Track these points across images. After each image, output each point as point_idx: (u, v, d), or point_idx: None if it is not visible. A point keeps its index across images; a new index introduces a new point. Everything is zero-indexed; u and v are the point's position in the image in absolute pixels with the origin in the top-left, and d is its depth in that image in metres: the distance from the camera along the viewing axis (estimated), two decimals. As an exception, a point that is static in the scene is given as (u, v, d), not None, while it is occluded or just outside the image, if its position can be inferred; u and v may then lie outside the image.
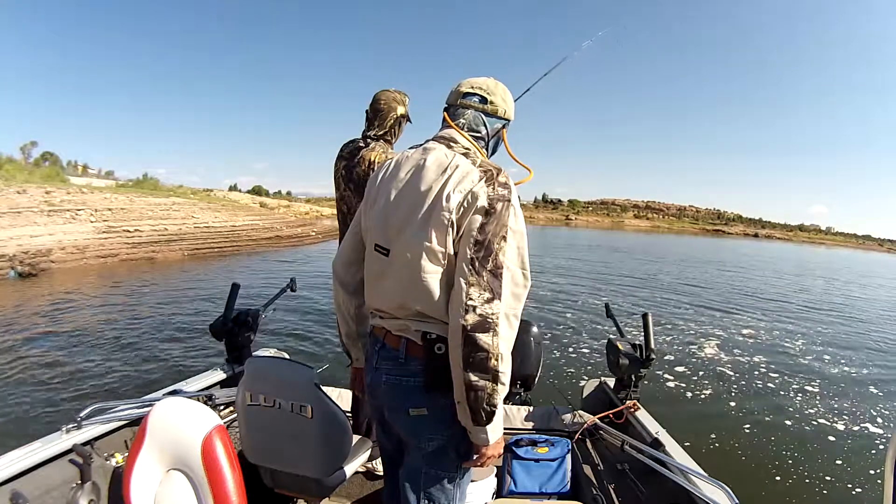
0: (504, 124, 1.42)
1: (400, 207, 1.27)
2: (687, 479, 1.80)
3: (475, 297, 1.14)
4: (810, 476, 4.27)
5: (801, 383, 6.80)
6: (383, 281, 1.31)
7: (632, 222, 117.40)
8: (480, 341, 1.13)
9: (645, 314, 2.58)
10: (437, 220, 1.19)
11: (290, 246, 21.68)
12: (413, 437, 1.32)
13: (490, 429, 1.21)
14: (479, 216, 1.17)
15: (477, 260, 1.15)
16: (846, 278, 26.87)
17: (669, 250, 36.77)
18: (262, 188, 74.63)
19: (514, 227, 1.19)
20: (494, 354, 1.14)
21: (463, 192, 1.19)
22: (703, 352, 7.98)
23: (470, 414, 1.19)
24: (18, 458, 1.57)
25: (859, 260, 55.21)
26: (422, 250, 1.20)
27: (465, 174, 1.21)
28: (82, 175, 35.47)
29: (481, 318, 1.13)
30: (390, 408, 1.34)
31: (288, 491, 2.00)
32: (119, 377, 5.56)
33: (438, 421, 1.27)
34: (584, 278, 16.39)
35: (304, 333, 7.59)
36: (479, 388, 1.15)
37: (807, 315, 12.67)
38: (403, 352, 1.28)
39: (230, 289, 2.64)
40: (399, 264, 1.25)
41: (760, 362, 7.65)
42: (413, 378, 1.27)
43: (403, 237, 1.24)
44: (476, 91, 1.38)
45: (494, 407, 1.18)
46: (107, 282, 11.69)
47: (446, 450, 1.30)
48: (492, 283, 1.15)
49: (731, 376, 6.82)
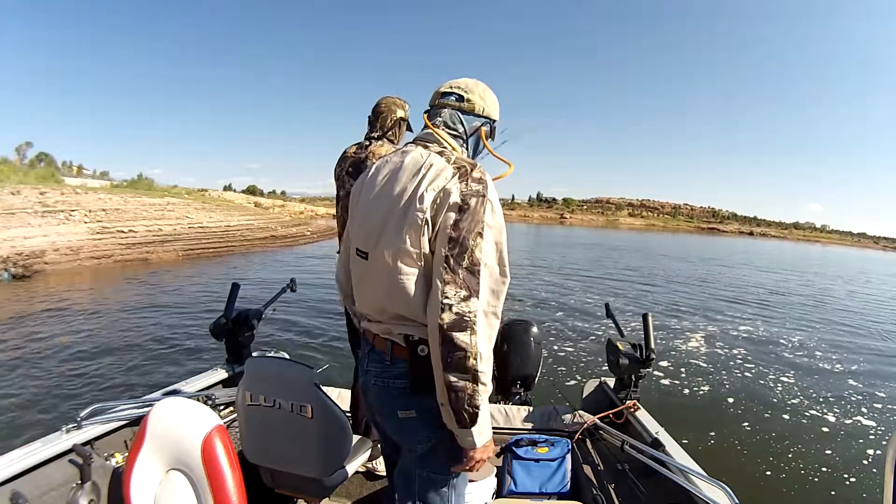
0: (484, 122, 1.41)
1: (377, 210, 1.26)
2: (687, 479, 1.80)
3: (451, 296, 1.12)
4: (810, 475, 4.29)
5: (799, 381, 6.84)
6: (365, 285, 1.32)
7: (626, 221, 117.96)
8: (458, 340, 1.11)
9: (645, 314, 2.58)
10: (411, 221, 1.18)
11: (285, 246, 21.65)
12: (404, 440, 1.32)
13: (476, 431, 1.18)
14: (452, 213, 1.16)
15: (452, 257, 1.13)
16: (840, 276, 27.00)
17: (665, 249, 36.84)
18: (256, 188, 74.70)
19: (491, 223, 1.17)
20: (473, 353, 1.11)
21: (436, 190, 1.18)
22: (701, 351, 8.01)
23: (453, 415, 1.16)
24: (18, 458, 1.57)
25: (854, 258, 55.51)
26: (398, 252, 1.19)
27: (439, 172, 1.20)
28: (77, 176, 35.35)
29: (458, 316, 1.11)
30: (379, 411, 1.35)
31: (288, 491, 1.99)
32: (119, 377, 5.53)
33: (427, 423, 1.25)
34: (583, 278, 16.42)
35: (303, 333, 7.57)
36: (458, 389, 1.13)
37: (805, 314, 12.73)
38: (389, 354, 1.27)
39: (230, 289, 2.63)
40: (378, 268, 1.24)
41: (760, 361, 7.67)
42: (399, 381, 1.26)
43: (381, 240, 1.23)
44: (454, 90, 1.39)
45: (477, 408, 1.15)
46: (102, 283, 11.62)
47: (437, 452, 1.28)
48: (468, 281, 1.13)
49: (730, 375, 6.85)
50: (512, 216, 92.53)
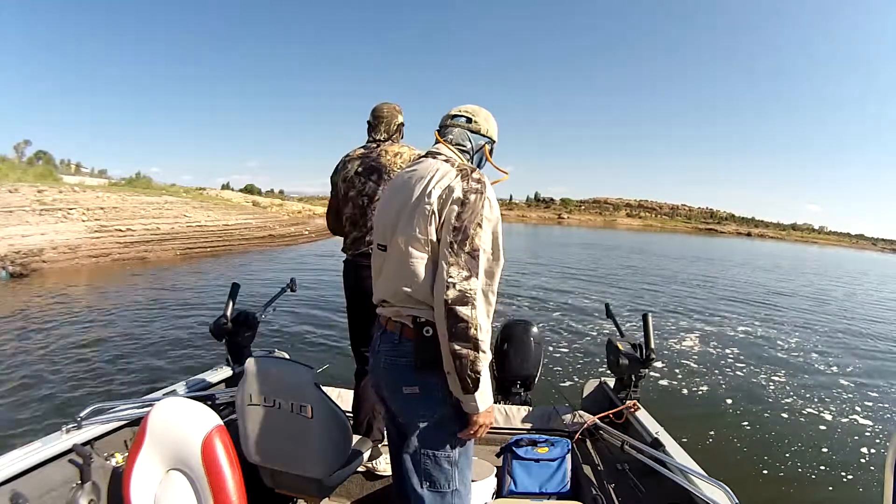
0: (487, 142, 1.66)
1: (393, 209, 1.47)
2: (687, 479, 1.81)
3: (455, 275, 1.30)
4: (809, 474, 4.31)
5: (798, 381, 6.86)
6: (382, 273, 1.50)
7: (624, 221, 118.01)
8: (461, 313, 1.28)
9: (645, 314, 2.59)
10: (421, 212, 1.38)
11: (283, 245, 21.64)
12: (408, 416, 1.46)
13: (478, 396, 1.35)
14: (455, 206, 1.36)
15: (455, 243, 1.33)
16: (839, 276, 27.08)
17: (663, 249, 36.88)
18: (254, 187, 74.24)
19: (489, 216, 1.38)
20: (474, 324, 1.29)
21: (442, 187, 1.38)
22: (701, 351, 8.02)
23: (458, 382, 1.33)
24: (18, 458, 1.57)
25: (851, 259, 55.67)
26: (410, 239, 1.38)
27: (445, 173, 1.41)
28: (75, 174, 35.22)
29: (461, 293, 1.29)
30: (387, 386, 1.50)
31: (288, 491, 1.99)
32: (119, 377, 5.52)
33: (429, 399, 1.42)
34: (583, 278, 16.44)
35: (304, 333, 7.57)
36: (462, 356, 1.29)
37: (802, 314, 12.76)
38: (398, 335, 1.44)
39: (230, 289, 2.63)
40: (393, 255, 1.43)
41: (759, 361, 7.70)
42: (405, 358, 1.43)
43: (396, 230, 1.43)
44: (463, 113, 1.64)
45: (478, 374, 1.32)
46: (100, 282, 11.60)
47: (440, 429, 1.43)
48: (469, 264, 1.32)
49: (729, 375, 6.87)
50: (510, 216, 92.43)
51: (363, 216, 2.38)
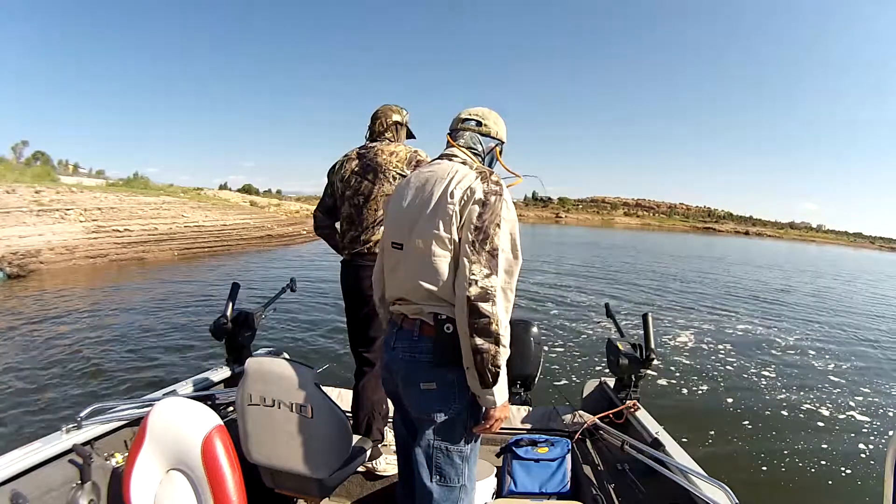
0: (497, 143, 1.69)
1: (412, 208, 1.50)
2: (687, 479, 1.80)
3: (476, 273, 1.34)
4: (809, 473, 4.32)
5: (797, 380, 6.87)
6: (398, 271, 1.53)
7: (622, 220, 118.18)
8: (483, 309, 1.32)
9: (645, 314, 2.58)
10: (443, 212, 1.42)
11: (281, 245, 21.62)
12: (423, 412, 1.48)
13: (497, 390, 1.40)
14: (476, 207, 1.40)
15: (477, 242, 1.37)
16: (837, 275, 27.11)
17: (661, 248, 36.89)
18: (252, 187, 74.10)
19: (507, 217, 1.42)
20: (495, 320, 1.33)
21: (463, 188, 1.42)
22: (700, 351, 8.03)
23: (478, 376, 1.36)
24: (18, 458, 1.57)
25: (849, 257, 55.74)
26: (432, 237, 1.41)
27: (464, 175, 1.45)
28: (73, 174, 35.19)
29: (482, 289, 1.33)
30: (404, 382, 1.51)
31: (288, 491, 1.99)
32: (119, 377, 5.51)
33: (446, 395, 1.45)
34: (582, 278, 16.45)
35: (304, 333, 7.57)
36: (483, 351, 1.33)
37: (801, 313, 12.79)
38: (417, 332, 1.47)
39: (230, 289, 2.63)
40: (412, 253, 1.46)
41: (758, 360, 7.72)
42: (424, 354, 1.46)
43: (415, 230, 1.46)
44: (473, 117, 1.67)
45: (498, 368, 1.37)
46: (98, 282, 11.58)
47: (454, 424, 1.46)
48: (489, 262, 1.36)
49: (729, 374, 6.89)
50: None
51: (359, 215, 2.38)
